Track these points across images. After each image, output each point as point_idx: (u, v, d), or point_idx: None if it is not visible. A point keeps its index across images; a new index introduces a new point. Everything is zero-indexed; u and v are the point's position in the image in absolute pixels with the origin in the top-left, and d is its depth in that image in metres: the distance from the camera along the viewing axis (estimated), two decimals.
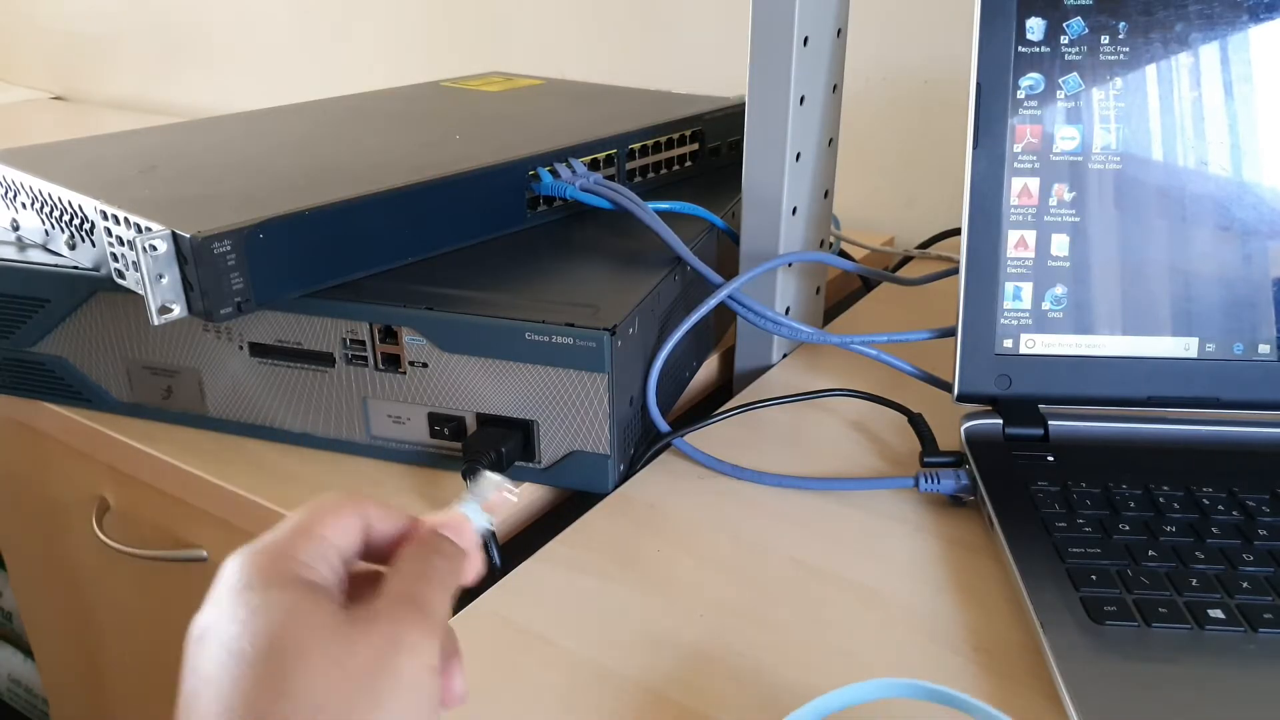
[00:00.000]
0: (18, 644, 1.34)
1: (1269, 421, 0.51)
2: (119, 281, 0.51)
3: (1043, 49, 0.51)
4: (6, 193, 0.61)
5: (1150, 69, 0.51)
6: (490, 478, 0.34)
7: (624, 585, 0.46)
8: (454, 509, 0.33)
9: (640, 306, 0.52)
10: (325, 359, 0.53)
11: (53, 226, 0.57)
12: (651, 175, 0.71)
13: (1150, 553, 0.43)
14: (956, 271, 0.53)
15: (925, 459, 0.52)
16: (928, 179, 0.94)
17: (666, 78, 1.04)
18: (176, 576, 0.66)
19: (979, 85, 0.51)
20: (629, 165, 0.68)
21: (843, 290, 0.87)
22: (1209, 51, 0.51)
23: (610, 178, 0.66)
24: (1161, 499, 0.46)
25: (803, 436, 0.58)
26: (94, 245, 0.54)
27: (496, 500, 0.34)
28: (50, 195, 0.56)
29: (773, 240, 0.62)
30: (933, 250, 0.84)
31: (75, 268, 0.56)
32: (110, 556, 0.68)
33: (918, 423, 0.55)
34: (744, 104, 0.60)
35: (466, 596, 0.46)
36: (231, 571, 0.27)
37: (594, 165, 0.65)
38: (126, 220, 0.49)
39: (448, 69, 1.15)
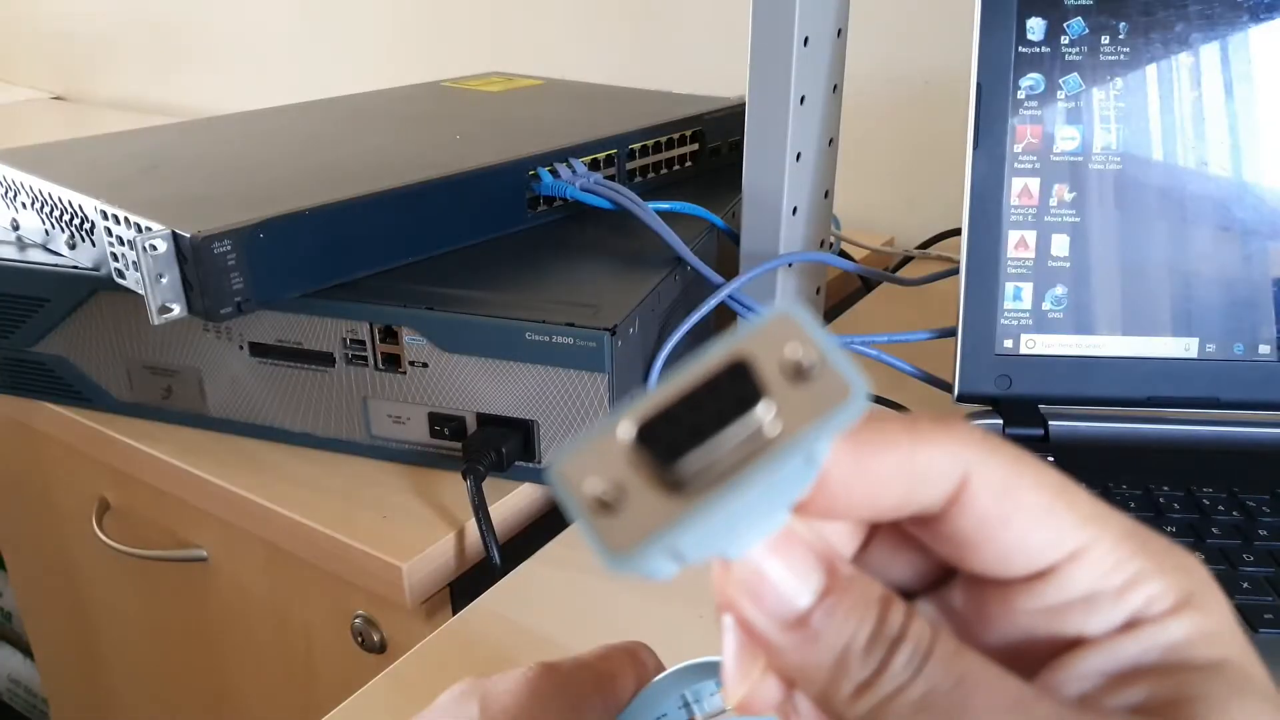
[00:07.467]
0: (18, 644, 1.33)
1: (1269, 422, 0.51)
2: (119, 281, 0.51)
3: (1043, 49, 0.51)
4: (7, 192, 0.61)
5: (1151, 69, 0.51)
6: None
7: (625, 585, 0.45)
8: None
9: (640, 306, 0.52)
10: (325, 359, 0.53)
11: (53, 226, 0.57)
12: (652, 175, 0.71)
13: None
14: (957, 272, 0.53)
15: None
16: (928, 179, 0.94)
17: (667, 78, 1.04)
18: (177, 576, 0.66)
19: (979, 85, 0.51)
20: (629, 165, 0.68)
21: (843, 290, 0.87)
22: (1209, 51, 0.51)
23: (610, 178, 0.66)
24: (1162, 499, 0.46)
25: None
26: (94, 245, 0.54)
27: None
28: (50, 195, 0.56)
29: (773, 240, 0.62)
30: (933, 250, 0.84)
31: (75, 267, 0.56)
32: (110, 556, 0.68)
33: None
34: (744, 104, 0.60)
35: (469, 596, 0.46)
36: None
37: (594, 165, 0.65)
38: (127, 220, 0.49)
39: (448, 69, 1.15)
